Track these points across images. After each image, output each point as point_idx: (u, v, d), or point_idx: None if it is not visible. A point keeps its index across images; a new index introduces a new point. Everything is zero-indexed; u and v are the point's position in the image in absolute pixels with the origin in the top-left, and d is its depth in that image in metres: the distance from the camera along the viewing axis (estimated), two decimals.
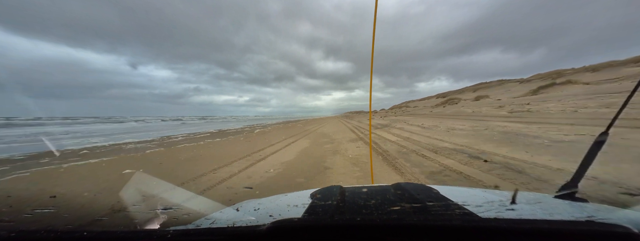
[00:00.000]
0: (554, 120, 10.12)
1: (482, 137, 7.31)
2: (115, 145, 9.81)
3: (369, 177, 3.80)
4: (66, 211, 2.61)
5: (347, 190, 1.11)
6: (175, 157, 6.36)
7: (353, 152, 6.32)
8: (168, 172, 4.71)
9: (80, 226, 2.08)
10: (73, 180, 4.17)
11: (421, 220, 0.57)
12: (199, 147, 8.31)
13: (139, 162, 5.90)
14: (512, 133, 7.49)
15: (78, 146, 9.43)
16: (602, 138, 0.92)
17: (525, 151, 4.97)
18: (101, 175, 4.47)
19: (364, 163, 4.98)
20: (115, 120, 60.56)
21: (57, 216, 2.11)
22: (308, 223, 0.61)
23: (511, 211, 0.74)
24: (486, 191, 1.16)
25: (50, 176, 4.51)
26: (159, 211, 0.95)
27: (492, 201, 0.88)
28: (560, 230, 0.50)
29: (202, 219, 0.86)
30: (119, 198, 2.93)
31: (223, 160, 5.75)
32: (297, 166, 4.98)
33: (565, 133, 6.61)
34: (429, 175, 3.81)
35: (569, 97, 22.55)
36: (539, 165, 3.88)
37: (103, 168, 5.11)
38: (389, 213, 0.78)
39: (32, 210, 2.55)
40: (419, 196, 0.93)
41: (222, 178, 4.10)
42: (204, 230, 0.62)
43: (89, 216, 2.47)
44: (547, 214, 0.73)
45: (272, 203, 1.07)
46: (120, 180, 4.03)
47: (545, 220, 0.54)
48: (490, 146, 5.78)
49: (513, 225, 0.52)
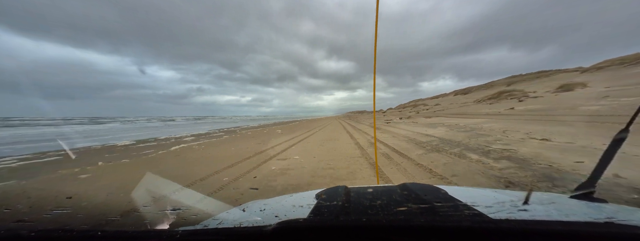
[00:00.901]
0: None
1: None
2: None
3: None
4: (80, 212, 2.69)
5: (353, 190, 1.10)
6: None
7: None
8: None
9: (95, 226, 2.15)
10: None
11: (429, 221, 0.56)
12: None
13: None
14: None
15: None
16: (622, 135, 0.88)
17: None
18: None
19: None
20: (99, 121, 61.29)
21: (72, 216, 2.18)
22: (313, 224, 0.61)
23: (524, 212, 0.72)
24: (497, 191, 1.13)
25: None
26: (169, 212, 0.97)
27: (503, 202, 0.85)
28: (576, 231, 0.48)
29: (210, 219, 0.87)
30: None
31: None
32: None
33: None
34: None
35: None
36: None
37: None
38: (395, 214, 0.77)
39: (51, 211, 2.66)
40: (426, 196, 0.91)
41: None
42: (212, 230, 0.63)
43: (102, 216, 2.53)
44: (562, 215, 0.70)
45: (278, 204, 1.07)
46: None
47: (560, 221, 0.52)
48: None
49: (526, 226, 0.49)
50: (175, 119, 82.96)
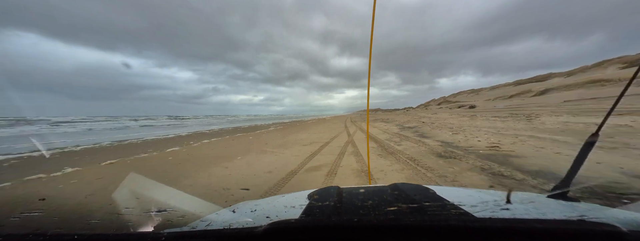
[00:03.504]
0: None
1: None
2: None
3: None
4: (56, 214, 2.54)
5: (345, 190, 1.11)
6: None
7: None
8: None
9: (70, 229, 2.02)
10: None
11: (418, 220, 0.58)
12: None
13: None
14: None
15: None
16: (593, 139, 0.95)
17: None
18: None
19: None
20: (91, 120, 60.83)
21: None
22: (305, 224, 0.61)
23: (506, 211, 0.75)
24: (481, 191, 1.17)
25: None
26: (153, 213, 0.94)
27: (487, 202, 0.89)
28: (553, 229, 0.51)
29: (198, 221, 0.85)
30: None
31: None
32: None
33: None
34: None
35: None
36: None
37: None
38: (386, 214, 0.78)
39: (20, 213, 2.48)
40: (416, 196, 0.94)
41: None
42: (199, 232, 0.61)
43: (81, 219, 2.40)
44: (540, 213, 0.74)
45: (269, 204, 1.06)
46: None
47: (538, 219, 0.55)
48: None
49: (507, 225, 0.53)
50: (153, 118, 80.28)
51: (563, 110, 20.22)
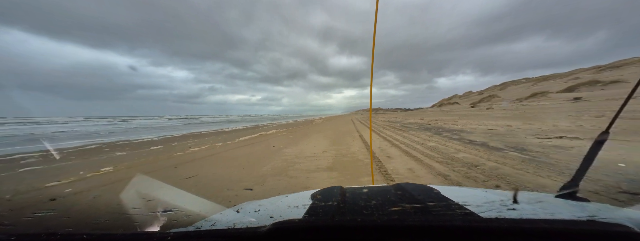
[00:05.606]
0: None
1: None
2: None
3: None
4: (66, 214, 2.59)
5: (348, 190, 1.11)
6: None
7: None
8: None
9: (80, 229, 2.06)
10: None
11: (422, 220, 0.57)
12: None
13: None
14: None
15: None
16: (603, 137, 0.92)
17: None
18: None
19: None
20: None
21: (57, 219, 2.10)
22: (309, 224, 0.61)
23: (512, 211, 0.74)
24: (487, 191, 1.15)
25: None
26: (159, 214, 0.95)
27: (493, 201, 0.87)
28: (561, 229, 0.50)
29: (203, 221, 0.86)
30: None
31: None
32: None
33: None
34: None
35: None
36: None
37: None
38: (389, 214, 0.78)
39: (32, 213, 2.54)
40: (420, 196, 0.92)
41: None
42: (205, 232, 0.62)
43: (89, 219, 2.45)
44: (548, 214, 0.73)
45: (273, 205, 1.06)
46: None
47: (546, 219, 0.54)
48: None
49: (514, 225, 0.51)
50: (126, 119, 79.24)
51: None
